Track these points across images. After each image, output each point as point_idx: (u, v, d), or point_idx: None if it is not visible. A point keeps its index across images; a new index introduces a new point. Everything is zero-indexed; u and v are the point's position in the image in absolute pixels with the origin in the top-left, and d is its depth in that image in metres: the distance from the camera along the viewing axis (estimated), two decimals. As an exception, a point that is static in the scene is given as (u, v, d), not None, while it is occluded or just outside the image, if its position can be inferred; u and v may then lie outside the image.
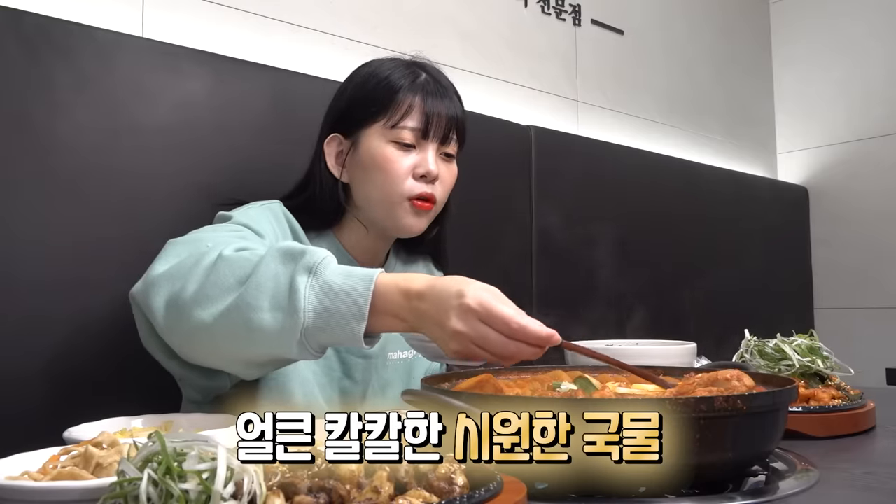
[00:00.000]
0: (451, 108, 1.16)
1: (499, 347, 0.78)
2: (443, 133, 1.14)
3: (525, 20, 2.28)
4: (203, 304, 0.84)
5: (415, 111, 1.13)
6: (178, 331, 0.88)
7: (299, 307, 0.80)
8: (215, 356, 0.90)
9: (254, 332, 0.82)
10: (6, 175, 1.17)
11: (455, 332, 0.78)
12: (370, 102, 1.14)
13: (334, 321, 0.80)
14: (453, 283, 0.80)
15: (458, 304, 0.78)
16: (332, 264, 0.84)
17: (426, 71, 1.18)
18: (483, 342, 0.78)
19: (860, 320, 3.02)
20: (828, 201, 3.19)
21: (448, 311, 0.78)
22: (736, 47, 3.18)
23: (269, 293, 0.82)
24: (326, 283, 0.81)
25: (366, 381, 1.20)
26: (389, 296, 0.81)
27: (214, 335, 0.85)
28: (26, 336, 1.16)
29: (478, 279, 0.83)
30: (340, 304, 0.80)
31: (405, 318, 0.82)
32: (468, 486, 0.57)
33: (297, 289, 0.80)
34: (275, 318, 0.81)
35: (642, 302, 2.42)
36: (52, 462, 0.64)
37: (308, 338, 0.81)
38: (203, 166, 1.38)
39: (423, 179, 1.13)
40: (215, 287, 0.84)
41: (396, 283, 0.82)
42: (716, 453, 0.68)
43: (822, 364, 1.15)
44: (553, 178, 2.15)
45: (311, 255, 0.83)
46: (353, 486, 0.53)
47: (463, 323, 0.78)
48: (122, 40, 1.32)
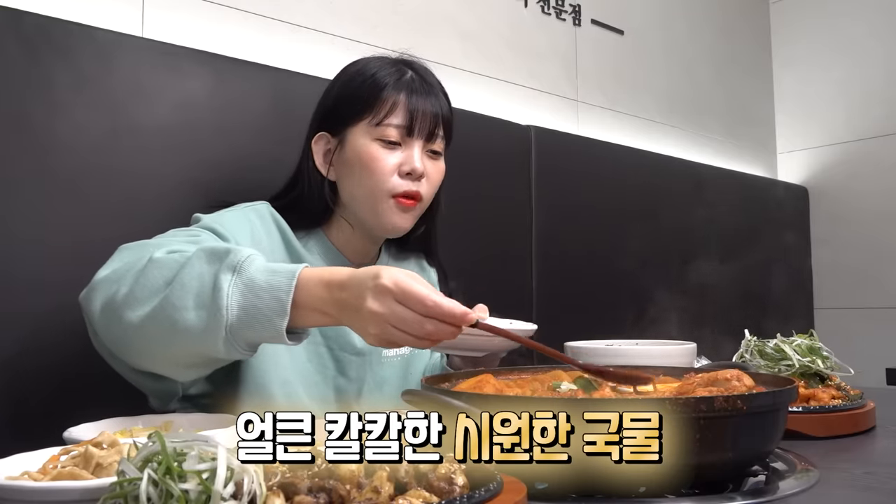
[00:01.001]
0: (437, 106, 1.16)
1: (416, 327, 0.79)
2: (428, 130, 1.14)
3: (525, 20, 2.28)
4: (132, 306, 0.85)
5: (399, 109, 1.13)
6: (110, 333, 0.89)
7: (222, 304, 0.81)
8: (147, 357, 0.91)
9: (179, 332, 0.83)
10: (6, 175, 1.17)
11: (372, 314, 0.79)
12: (356, 100, 1.15)
13: (257, 317, 0.81)
14: (371, 269, 0.81)
15: (374, 285, 0.79)
16: (256, 261, 0.84)
17: (412, 68, 1.18)
18: (400, 322, 0.78)
19: (860, 320, 3.02)
20: (828, 201, 3.19)
21: (364, 294, 0.79)
22: (736, 47, 3.18)
23: (193, 293, 0.83)
24: (250, 281, 0.82)
25: (361, 379, 1.20)
26: (312, 290, 0.82)
27: (143, 336, 0.86)
28: (26, 336, 1.16)
29: (477, 279, 0.83)
30: (263, 300, 0.81)
31: (328, 312, 0.83)
32: (468, 486, 0.57)
33: (221, 287, 0.81)
34: (199, 316, 0.82)
35: (642, 302, 2.42)
36: (52, 462, 0.64)
37: (234, 335, 0.82)
38: (203, 166, 1.38)
39: (408, 177, 1.13)
40: (144, 289, 0.85)
41: (320, 276, 0.83)
42: (716, 453, 0.68)
43: (822, 364, 1.14)
44: (553, 178, 2.15)
45: (235, 253, 0.84)
46: (353, 486, 0.53)
47: (379, 303, 0.78)
48: (122, 40, 1.32)
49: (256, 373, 1.06)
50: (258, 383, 1.07)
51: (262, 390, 1.06)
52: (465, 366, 1.18)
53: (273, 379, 1.08)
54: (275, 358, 1.09)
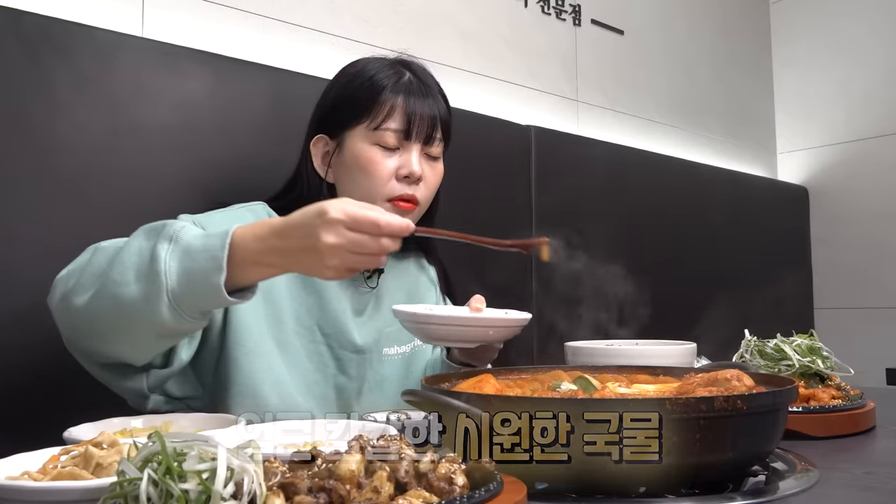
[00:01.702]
0: (435, 108, 1.16)
1: (373, 247, 0.83)
2: (425, 134, 1.14)
3: (525, 20, 2.28)
4: (78, 293, 0.88)
5: (397, 112, 1.13)
6: (66, 325, 0.93)
7: (160, 270, 0.83)
8: (98, 340, 0.92)
9: (124, 306, 0.85)
10: (6, 175, 1.17)
11: (329, 247, 0.81)
12: (353, 104, 1.15)
13: (196, 278, 0.83)
14: (311, 208, 0.84)
15: (324, 221, 0.82)
16: (192, 230, 0.88)
17: (410, 70, 1.18)
18: (358, 247, 0.82)
19: (860, 320, 3.02)
20: (828, 201, 3.19)
21: (315, 231, 0.82)
22: (736, 47, 3.18)
23: (133, 268, 0.86)
24: (186, 246, 0.85)
25: (361, 377, 1.20)
26: (247, 244, 0.84)
27: (91, 318, 0.88)
28: (26, 336, 1.16)
29: (477, 279, 0.84)
30: (200, 262, 0.83)
31: (271, 263, 0.85)
32: (468, 486, 0.57)
33: (158, 256, 0.84)
34: (140, 288, 0.84)
35: (642, 302, 2.41)
36: (52, 462, 0.64)
37: (176, 301, 0.84)
38: (203, 166, 1.38)
39: (406, 181, 1.14)
40: (89, 276, 0.89)
41: (253, 230, 0.85)
42: (716, 453, 0.68)
43: (822, 364, 1.14)
44: (553, 178, 2.15)
45: (170, 225, 0.88)
46: (353, 486, 0.53)
47: (334, 235, 0.81)
48: (122, 40, 1.32)
49: (247, 374, 1.06)
50: (249, 384, 1.06)
51: (255, 393, 1.06)
52: (463, 358, 1.18)
53: (265, 380, 1.07)
54: (268, 358, 1.08)
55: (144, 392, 1.00)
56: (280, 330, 1.11)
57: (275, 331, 1.10)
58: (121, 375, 0.98)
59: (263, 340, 1.08)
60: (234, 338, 1.06)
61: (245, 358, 1.06)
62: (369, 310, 1.22)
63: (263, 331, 1.09)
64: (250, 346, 1.07)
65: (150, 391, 1.00)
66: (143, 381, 0.99)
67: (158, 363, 0.99)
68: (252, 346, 1.07)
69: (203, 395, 1.10)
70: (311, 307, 1.15)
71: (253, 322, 1.07)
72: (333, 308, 1.16)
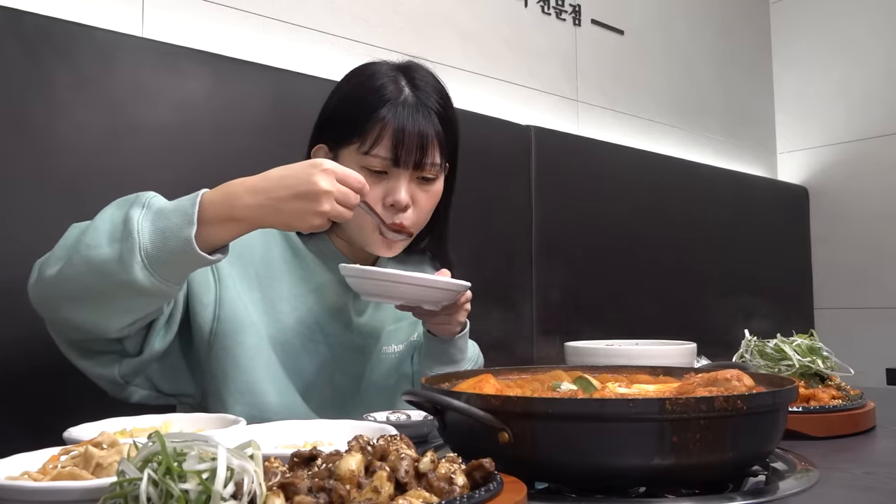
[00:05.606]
0: (429, 129, 1.10)
1: (352, 200, 0.93)
2: (414, 161, 1.09)
3: (525, 20, 2.28)
4: (51, 264, 0.91)
5: (385, 139, 1.08)
6: (36, 299, 0.94)
7: (133, 229, 0.86)
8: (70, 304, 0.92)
9: (96, 267, 0.86)
10: (6, 175, 1.17)
11: (325, 192, 0.89)
12: (347, 123, 1.11)
13: (168, 235, 0.86)
14: (300, 163, 0.91)
15: (321, 170, 0.89)
16: (162, 198, 0.92)
17: (413, 84, 1.13)
18: (343, 198, 0.91)
19: (860, 320, 3.02)
20: (828, 201, 3.19)
21: (312, 178, 0.89)
22: (736, 47, 3.18)
23: (106, 232, 0.88)
24: (158, 209, 0.89)
25: (360, 376, 1.19)
26: (219, 199, 0.89)
27: (62, 281, 0.89)
28: (26, 336, 1.16)
29: (478, 278, 0.84)
30: (171, 220, 0.87)
31: (242, 217, 0.89)
32: (468, 486, 0.57)
33: (131, 218, 0.87)
34: (112, 248, 0.87)
35: (642, 302, 2.42)
36: (52, 462, 0.64)
37: (150, 260, 0.86)
38: (203, 166, 1.38)
39: (392, 208, 1.10)
40: (61, 248, 0.92)
41: (224, 188, 0.90)
42: (716, 453, 0.68)
43: (822, 364, 1.14)
44: (553, 178, 2.15)
45: (142, 195, 0.92)
46: (353, 486, 0.53)
47: (329, 183, 0.89)
48: (122, 40, 1.32)
49: (246, 372, 1.06)
50: (247, 382, 1.06)
51: (252, 389, 1.06)
52: (422, 319, 1.17)
53: (262, 377, 1.07)
54: (265, 357, 1.08)
55: (117, 380, 1.00)
56: (280, 329, 1.11)
57: (274, 329, 1.10)
58: (95, 361, 0.99)
59: (262, 339, 1.08)
60: (231, 335, 1.05)
61: (244, 356, 1.06)
62: (370, 310, 1.22)
63: (262, 329, 1.09)
64: (249, 344, 1.06)
65: (123, 379, 1.01)
66: (115, 368, 0.99)
67: (132, 350, 0.99)
68: (251, 344, 1.07)
69: (196, 392, 1.09)
70: (312, 306, 1.15)
71: (252, 320, 1.07)
72: (334, 307, 1.16)
